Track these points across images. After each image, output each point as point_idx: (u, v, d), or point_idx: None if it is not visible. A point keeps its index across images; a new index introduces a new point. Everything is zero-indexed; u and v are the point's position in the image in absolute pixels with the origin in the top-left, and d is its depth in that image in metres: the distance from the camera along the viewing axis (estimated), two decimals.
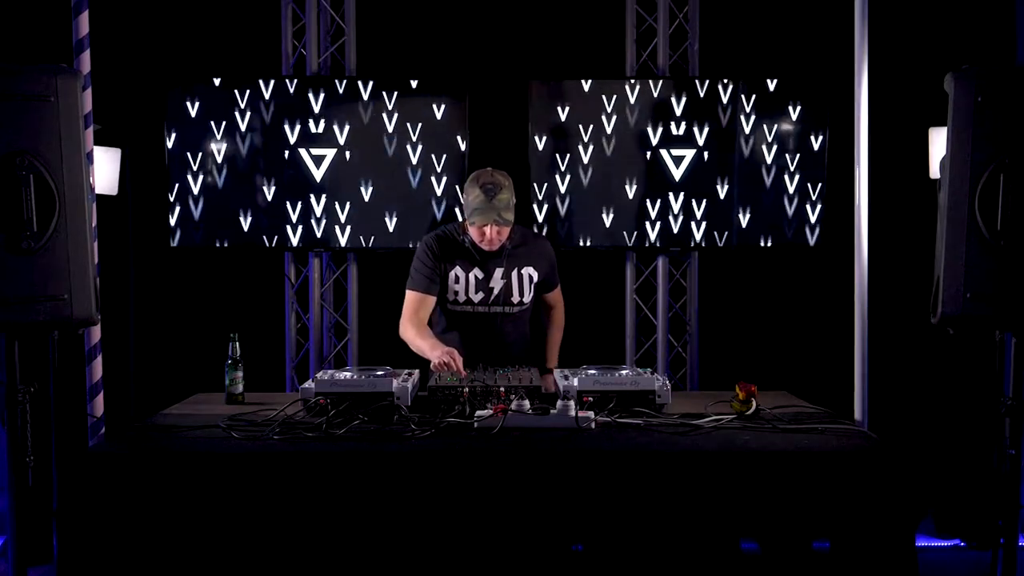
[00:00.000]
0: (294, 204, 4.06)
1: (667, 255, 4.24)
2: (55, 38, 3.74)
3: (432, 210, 4.08)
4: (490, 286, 3.24)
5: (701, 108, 4.04)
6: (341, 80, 4.04)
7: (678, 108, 4.04)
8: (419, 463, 2.30)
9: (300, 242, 4.09)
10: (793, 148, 4.05)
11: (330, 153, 4.06)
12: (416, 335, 3.18)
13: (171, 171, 4.03)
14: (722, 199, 4.07)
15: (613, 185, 4.07)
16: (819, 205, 4.06)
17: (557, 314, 3.51)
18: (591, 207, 4.08)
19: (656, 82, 4.05)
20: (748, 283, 4.35)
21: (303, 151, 4.05)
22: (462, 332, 3.29)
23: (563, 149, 4.07)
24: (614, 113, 4.05)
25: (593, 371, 2.89)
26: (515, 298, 3.27)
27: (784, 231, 4.09)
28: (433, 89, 4.04)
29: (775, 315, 4.33)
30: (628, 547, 2.40)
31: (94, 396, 3.30)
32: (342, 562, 2.33)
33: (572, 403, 2.58)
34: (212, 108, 4.01)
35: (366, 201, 4.07)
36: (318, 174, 4.06)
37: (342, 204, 4.06)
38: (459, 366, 2.95)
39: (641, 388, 2.74)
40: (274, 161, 4.04)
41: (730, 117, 4.05)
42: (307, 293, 4.26)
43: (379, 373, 2.85)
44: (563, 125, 4.05)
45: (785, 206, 4.08)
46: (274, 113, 4.02)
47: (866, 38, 2.86)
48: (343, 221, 4.07)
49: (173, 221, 4.05)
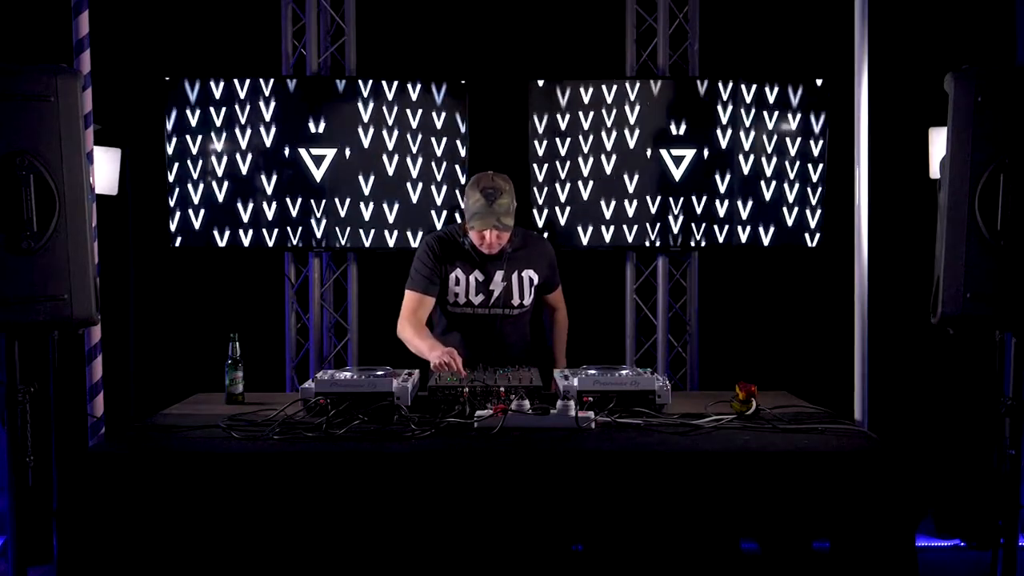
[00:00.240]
0: (294, 204, 4.06)
1: (667, 255, 4.24)
2: (55, 38, 3.74)
3: (432, 210, 4.08)
4: (490, 288, 3.24)
5: (701, 108, 4.04)
6: (341, 80, 4.04)
7: (678, 108, 4.04)
8: (419, 463, 2.30)
9: (300, 242, 4.09)
10: (793, 148, 4.06)
11: (330, 153, 4.06)
12: (414, 335, 3.18)
13: (171, 171, 4.03)
14: (722, 199, 4.07)
15: (613, 185, 4.07)
16: (819, 205, 4.06)
17: (560, 315, 3.50)
18: (591, 207, 4.08)
19: (656, 82, 4.05)
20: (748, 283, 4.35)
21: (303, 151, 4.05)
22: (462, 334, 3.29)
23: (563, 149, 4.07)
24: (614, 113, 4.05)
25: (593, 371, 2.89)
26: (515, 300, 3.27)
27: (784, 231, 4.09)
28: (433, 88, 4.04)
29: (775, 315, 4.33)
30: (628, 547, 2.40)
31: (94, 396, 3.30)
32: (342, 562, 2.33)
33: (572, 403, 2.58)
34: (212, 108, 4.01)
35: (366, 201, 4.07)
36: (318, 174, 4.06)
37: (342, 204, 4.06)
38: (459, 366, 2.95)
39: (641, 388, 2.74)
40: (274, 161, 4.04)
41: (730, 117, 4.05)
42: (307, 293, 4.26)
43: (379, 373, 2.85)
44: (563, 125, 4.05)
45: (785, 206, 4.08)
46: (274, 113, 4.02)
47: (866, 38, 2.86)
48: (343, 221, 4.07)
49: (173, 221, 4.05)
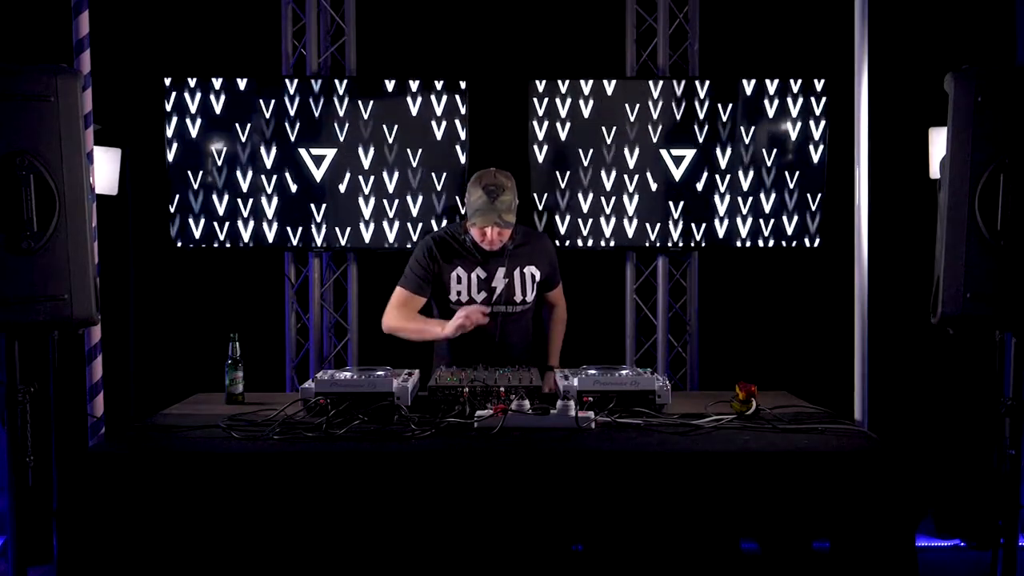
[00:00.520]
0: (294, 204, 4.06)
1: (667, 255, 4.24)
2: (55, 38, 3.74)
3: (432, 210, 4.08)
4: (492, 286, 3.24)
5: (701, 108, 4.04)
6: (341, 80, 4.04)
7: (678, 108, 4.04)
8: (419, 463, 2.30)
9: (300, 242, 4.09)
10: (793, 147, 4.05)
11: (330, 153, 4.06)
12: (406, 320, 3.21)
13: (171, 171, 4.02)
14: (722, 199, 4.07)
15: (613, 184, 4.07)
16: (819, 205, 4.06)
17: (559, 311, 3.51)
18: (591, 206, 4.08)
19: (656, 82, 4.05)
20: (748, 283, 4.35)
21: (303, 151, 4.05)
22: (465, 332, 3.29)
23: (563, 148, 4.06)
24: (614, 112, 4.04)
25: (593, 371, 2.89)
26: (517, 297, 3.27)
27: (784, 231, 4.09)
28: (433, 88, 4.04)
29: (775, 315, 4.33)
30: (628, 547, 2.40)
31: (94, 396, 3.30)
32: (342, 562, 2.33)
33: (572, 403, 2.58)
34: (212, 108, 4.01)
35: (366, 201, 4.07)
36: (318, 174, 4.06)
37: (342, 204, 4.06)
38: (480, 315, 3.04)
39: (641, 388, 2.74)
40: (274, 161, 4.04)
41: (730, 117, 4.05)
42: (307, 293, 4.26)
43: (379, 373, 2.85)
44: (563, 125, 4.05)
45: (785, 206, 4.08)
46: (274, 113, 4.02)
47: (866, 38, 2.86)
48: (343, 221, 4.07)
49: (173, 221, 4.05)
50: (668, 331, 4.27)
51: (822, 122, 4.03)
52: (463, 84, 4.05)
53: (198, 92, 4.00)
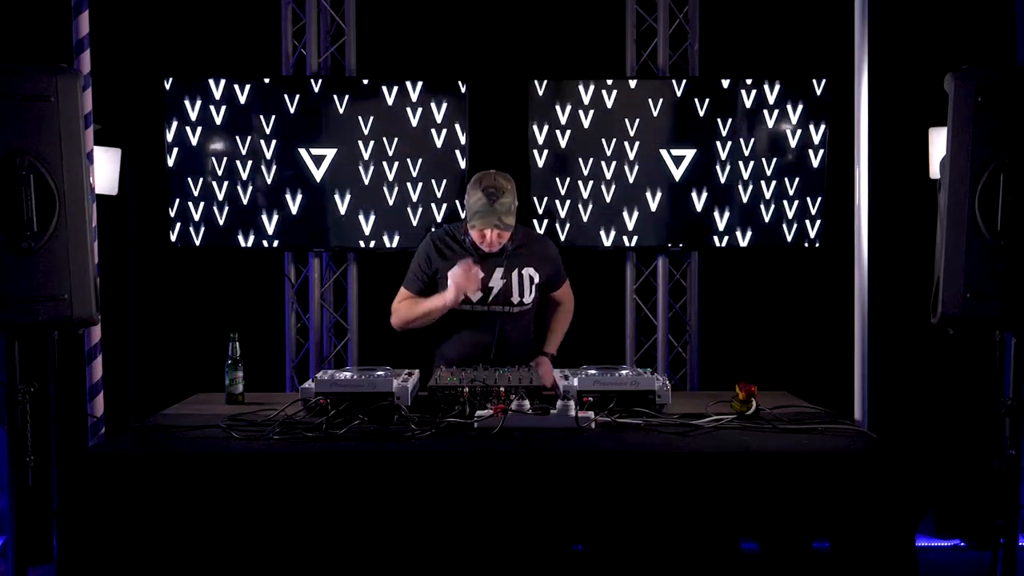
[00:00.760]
0: (294, 204, 4.05)
1: (667, 255, 4.24)
2: (55, 38, 3.74)
3: (432, 210, 4.08)
4: (490, 286, 3.24)
5: (701, 108, 4.04)
6: (341, 80, 4.04)
7: (678, 108, 4.04)
8: (419, 463, 2.30)
9: (300, 242, 4.09)
10: (793, 148, 4.05)
11: (330, 153, 4.05)
12: (412, 304, 3.24)
13: (171, 171, 4.02)
14: (722, 199, 4.07)
15: (613, 185, 4.07)
16: (819, 205, 4.06)
17: (566, 304, 3.51)
18: (591, 206, 4.08)
19: (656, 82, 4.05)
20: (748, 283, 4.35)
21: (303, 151, 4.05)
22: (463, 331, 3.29)
23: (563, 149, 4.06)
24: (614, 113, 4.04)
25: (593, 371, 2.89)
26: (515, 298, 3.27)
27: (784, 231, 4.09)
28: (433, 88, 4.04)
29: (775, 315, 4.33)
30: (628, 547, 2.40)
31: (94, 396, 3.31)
32: (342, 562, 2.33)
33: (572, 403, 2.58)
34: (212, 108, 4.01)
35: (366, 201, 4.06)
36: (318, 174, 4.06)
37: (342, 204, 4.06)
38: (464, 272, 3.04)
39: (641, 388, 2.74)
40: (274, 161, 4.04)
41: (730, 117, 4.05)
42: (307, 293, 4.26)
43: (379, 373, 2.85)
44: (563, 125, 4.05)
45: (785, 206, 4.07)
46: (274, 113, 4.02)
47: (866, 38, 2.86)
48: (343, 221, 4.07)
49: (173, 221, 4.04)
50: (668, 331, 4.27)
51: (822, 122, 4.03)
52: (463, 83, 4.04)
53: (198, 92, 3.99)
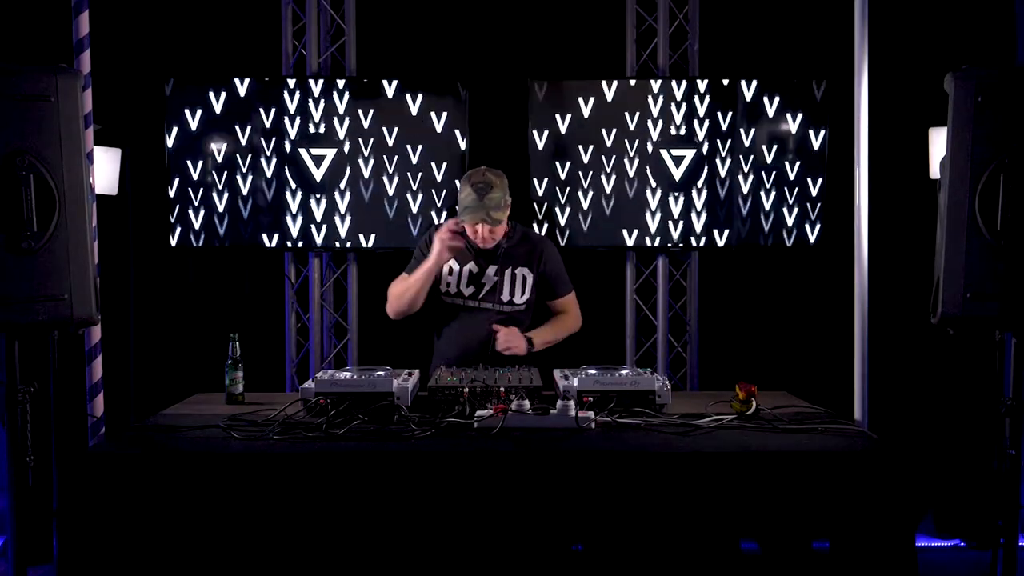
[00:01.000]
0: (294, 204, 4.06)
1: (667, 255, 4.24)
2: (55, 38, 3.74)
3: (432, 209, 4.08)
4: (482, 282, 3.26)
5: (701, 108, 4.04)
6: (341, 80, 4.04)
7: (678, 108, 4.04)
8: (419, 463, 2.30)
9: (300, 242, 4.09)
10: (793, 148, 4.05)
11: (330, 153, 4.06)
12: (403, 278, 3.25)
13: (171, 171, 4.03)
14: (722, 199, 4.07)
15: (613, 185, 4.07)
16: (819, 205, 4.06)
17: (570, 314, 3.41)
18: (591, 207, 4.08)
19: (656, 82, 4.05)
20: (748, 283, 4.35)
21: (303, 151, 4.05)
22: (457, 326, 3.29)
23: (563, 149, 4.07)
24: (614, 113, 4.04)
25: (593, 371, 2.89)
26: (505, 296, 3.27)
27: (784, 231, 4.09)
28: (433, 89, 4.04)
29: (775, 315, 4.33)
30: (628, 547, 2.40)
31: (94, 396, 3.31)
32: (342, 562, 2.33)
33: (572, 403, 2.58)
34: (212, 108, 4.01)
35: (366, 201, 4.07)
36: (318, 174, 4.06)
37: (342, 204, 4.06)
38: (448, 232, 3.08)
39: (641, 388, 2.74)
40: (274, 161, 4.04)
41: (730, 117, 4.05)
42: (307, 293, 4.26)
43: (379, 373, 2.85)
44: (562, 125, 4.05)
45: (785, 206, 4.08)
46: (274, 113, 4.02)
47: (866, 38, 2.86)
48: (343, 221, 4.07)
49: (173, 221, 4.05)
50: (668, 331, 4.27)
51: (822, 122, 4.03)
52: (463, 84, 4.05)
53: (198, 92, 4.00)
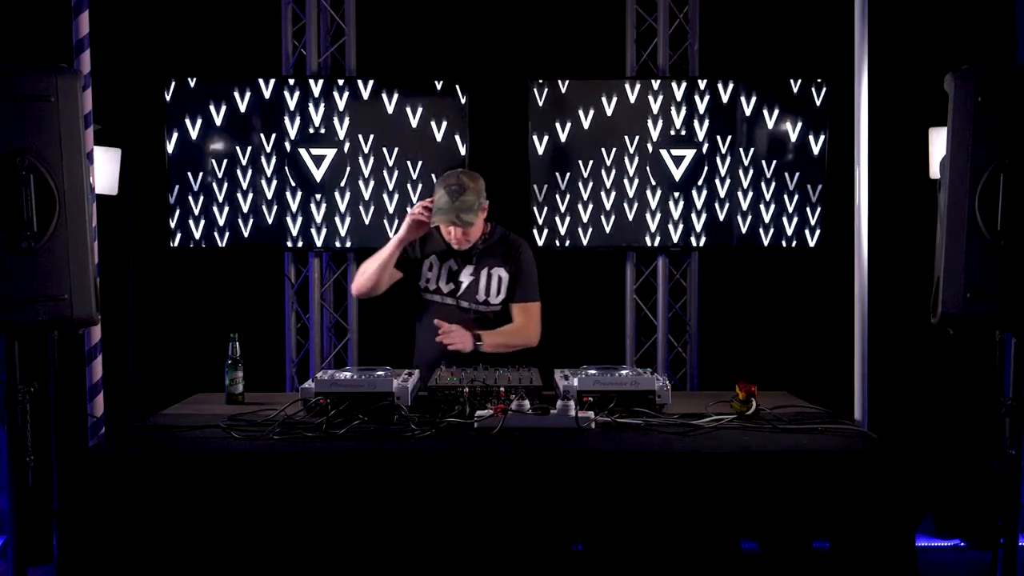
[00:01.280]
0: (294, 204, 4.06)
1: (667, 255, 4.24)
2: (55, 38, 3.74)
3: None
4: (460, 280, 3.27)
5: (701, 108, 4.04)
6: (341, 80, 4.04)
7: (678, 108, 4.04)
8: (419, 463, 2.30)
9: (300, 242, 4.09)
10: (793, 148, 4.05)
11: (330, 153, 4.06)
12: (372, 257, 3.25)
13: (171, 171, 4.03)
14: (722, 199, 4.07)
15: (613, 185, 4.07)
16: (819, 205, 4.06)
17: (524, 327, 3.28)
18: (591, 207, 4.08)
19: (656, 82, 4.05)
20: (748, 283, 4.35)
21: (303, 151, 4.05)
22: (429, 323, 3.24)
23: (563, 149, 4.07)
24: (614, 113, 4.04)
25: (593, 371, 2.89)
26: (481, 296, 3.27)
27: (784, 231, 4.09)
28: (433, 89, 4.04)
29: (775, 315, 4.33)
30: (628, 547, 2.40)
31: (94, 396, 3.31)
32: (342, 562, 2.33)
33: (572, 403, 2.58)
34: (212, 108, 4.01)
35: (366, 201, 4.07)
36: (318, 174, 4.06)
37: (342, 204, 4.06)
38: (421, 208, 3.13)
39: (641, 388, 2.74)
40: (274, 161, 4.04)
41: (730, 117, 4.05)
42: (307, 293, 4.26)
43: (379, 373, 2.85)
44: (563, 125, 4.05)
45: (785, 206, 4.08)
46: (274, 113, 4.02)
47: (866, 38, 2.86)
48: (343, 221, 4.07)
49: (173, 221, 4.05)
50: (668, 331, 4.27)
51: (822, 122, 4.03)
52: (463, 84, 4.05)
53: (198, 92, 4.00)
